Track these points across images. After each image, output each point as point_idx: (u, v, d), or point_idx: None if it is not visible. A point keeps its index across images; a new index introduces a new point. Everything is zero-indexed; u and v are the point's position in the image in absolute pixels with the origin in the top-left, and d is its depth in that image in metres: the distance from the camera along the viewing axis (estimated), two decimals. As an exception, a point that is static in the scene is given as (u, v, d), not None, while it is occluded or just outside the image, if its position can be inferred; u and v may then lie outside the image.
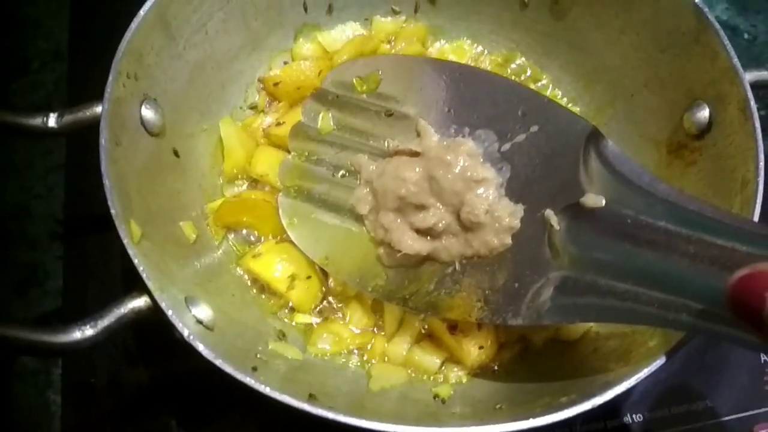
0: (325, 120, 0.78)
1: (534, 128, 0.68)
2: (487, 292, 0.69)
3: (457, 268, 0.70)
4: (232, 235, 0.81)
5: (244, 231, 0.81)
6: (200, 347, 0.57)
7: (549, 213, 0.65)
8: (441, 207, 0.69)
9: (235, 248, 0.80)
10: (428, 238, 0.71)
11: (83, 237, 0.87)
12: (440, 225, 0.69)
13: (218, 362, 0.57)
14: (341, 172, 0.77)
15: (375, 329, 0.78)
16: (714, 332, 0.54)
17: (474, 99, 0.71)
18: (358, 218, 0.75)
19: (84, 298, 0.83)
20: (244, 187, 0.84)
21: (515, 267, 0.68)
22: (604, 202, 0.61)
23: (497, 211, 0.67)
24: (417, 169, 0.70)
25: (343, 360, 0.76)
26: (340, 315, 0.79)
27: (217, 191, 0.82)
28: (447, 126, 0.72)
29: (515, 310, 0.67)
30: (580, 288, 0.62)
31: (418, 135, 0.73)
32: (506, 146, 0.69)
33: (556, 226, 0.65)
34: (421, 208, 0.70)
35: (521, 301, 0.66)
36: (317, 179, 0.78)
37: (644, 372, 0.59)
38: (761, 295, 0.46)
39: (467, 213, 0.68)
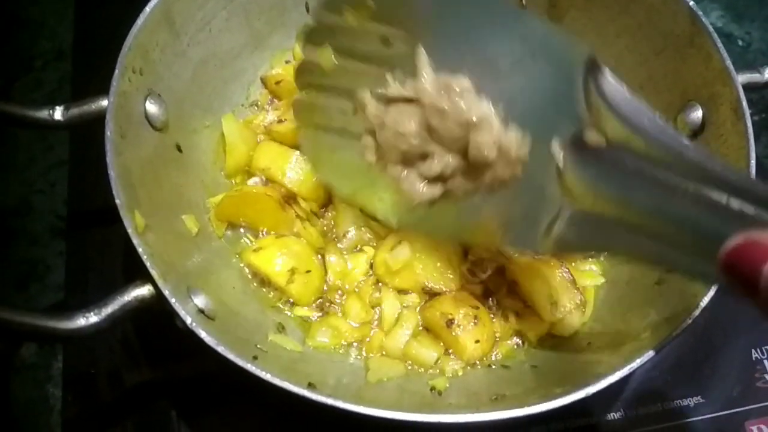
0: (325, 55, 0.75)
1: (533, 55, 0.66)
2: (502, 222, 0.70)
3: (473, 201, 0.70)
4: (233, 230, 0.82)
5: (245, 226, 0.82)
6: (202, 334, 0.58)
7: (554, 147, 0.65)
8: (446, 152, 0.68)
9: (235, 242, 0.81)
10: (439, 182, 0.70)
11: (85, 231, 0.88)
12: (448, 170, 0.69)
13: (220, 349, 0.58)
14: (351, 107, 0.75)
15: (373, 323, 0.79)
16: (709, 276, 0.56)
17: (471, 25, 0.69)
18: None
19: (85, 291, 0.83)
20: (247, 182, 0.85)
21: (526, 199, 0.68)
22: (604, 140, 0.62)
23: (504, 144, 0.66)
24: (416, 120, 0.69)
25: (342, 352, 0.77)
26: (339, 309, 0.80)
27: (219, 186, 0.83)
28: (445, 55, 0.69)
29: (530, 240, 0.68)
30: (587, 222, 0.63)
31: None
32: (506, 75, 0.67)
33: (560, 162, 0.65)
34: (426, 156, 0.69)
35: (535, 232, 0.67)
36: (331, 115, 0.77)
37: (636, 362, 0.60)
38: (756, 268, 0.45)
39: (474, 154, 0.67)
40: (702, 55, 0.75)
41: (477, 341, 0.75)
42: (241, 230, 0.82)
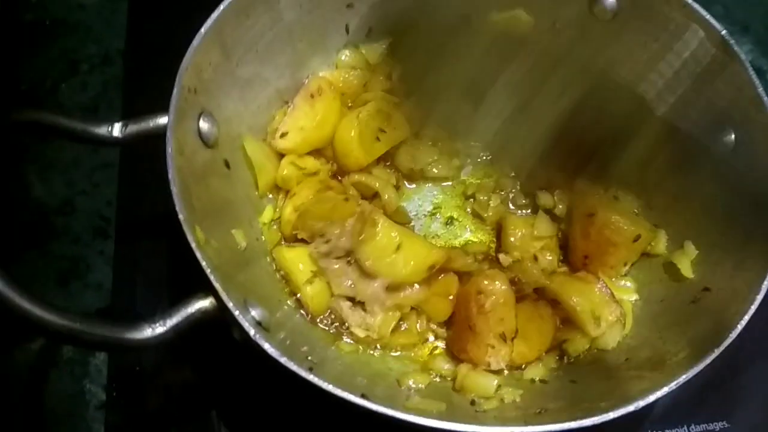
0: None
1: None
2: None
3: None
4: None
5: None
6: (265, 346, 0.60)
7: None
8: None
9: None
10: None
11: (133, 240, 0.90)
12: None
13: (283, 360, 0.59)
14: None
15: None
16: None
17: None
18: None
19: (132, 300, 0.85)
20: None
21: None
22: None
23: None
24: None
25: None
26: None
27: (263, 201, 0.86)
28: None
29: None
30: None
31: None
32: None
33: None
34: None
35: None
36: None
37: (681, 378, 0.61)
38: None
39: None
40: (734, 80, 0.77)
41: None
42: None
